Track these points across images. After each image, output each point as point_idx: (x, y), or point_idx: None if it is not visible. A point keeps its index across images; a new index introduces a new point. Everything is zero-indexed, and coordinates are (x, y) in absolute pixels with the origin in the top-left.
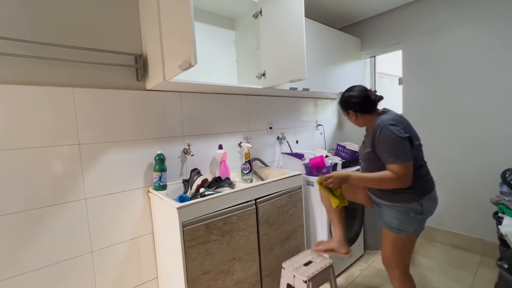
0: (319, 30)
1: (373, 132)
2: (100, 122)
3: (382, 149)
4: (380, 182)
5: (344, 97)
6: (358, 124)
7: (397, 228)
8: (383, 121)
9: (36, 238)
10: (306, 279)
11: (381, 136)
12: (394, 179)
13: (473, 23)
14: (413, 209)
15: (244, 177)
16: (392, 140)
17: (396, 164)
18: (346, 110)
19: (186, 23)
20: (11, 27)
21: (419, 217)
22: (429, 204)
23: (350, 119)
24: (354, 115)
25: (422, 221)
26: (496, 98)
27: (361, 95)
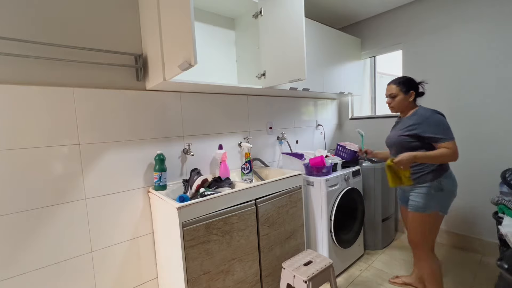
0: (319, 30)
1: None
2: (100, 122)
3: (436, 131)
4: (441, 158)
5: (409, 78)
6: (402, 108)
7: (423, 207)
8: (428, 109)
9: (36, 238)
10: (306, 279)
11: (435, 119)
12: (452, 154)
13: (473, 23)
14: (433, 187)
15: (244, 177)
16: (445, 124)
17: (451, 142)
18: (410, 89)
19: (186, 23)
20: (11, 27)
21: (439, 193)
22: (448, 182)
23: (401, 99)
24: (412, 97)
25: (444, 198)
26: (496, 98)
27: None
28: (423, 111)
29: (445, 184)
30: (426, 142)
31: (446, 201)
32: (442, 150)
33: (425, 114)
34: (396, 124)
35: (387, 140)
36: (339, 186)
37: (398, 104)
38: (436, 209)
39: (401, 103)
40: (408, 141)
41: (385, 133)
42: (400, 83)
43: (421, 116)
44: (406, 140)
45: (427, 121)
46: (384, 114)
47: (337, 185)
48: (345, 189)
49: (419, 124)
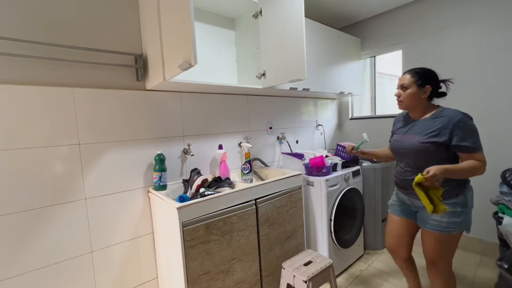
0: (319, 30)
1: (447, 121)
2: (100, 122)
3: (469, 139)
4: (473, 172)
5: (429, 70)
6: (412, 104)
7: (447, 228)
8: (459, 111)
9: (36, 238)
10: (306, 279)
11: (467, 125)
12: (482, 167)
13: (473, 23)
14: (459, 203)
15: (244, 177)
16: (476, 131)
17: (481, 152)
18: (425, 83)
19: (186, 23)
20: (11, 27)
21: (465, 210)
22: (471, 194)
23: (412, 93)
24: (427, 93)
25: (469, 214)
26: (496, 98)
27: (440, 81)
28: (453, 113)
29: (469, 198)
30: (451, 151)
31: (470, 217)
32: (474, 163)
33: (457, 117)
34: (405, 125)
35: (397, 145)
36: (339, 186)
37: (407, 98)
38: (462, 228)
39: (412, 97)
40: (434, 150)
41: (385, 133)
42: (416, 74)
43: (452, 119)
44: (430, 149)
45: (463, 127)
46: (384, 114)
47: (337, 185)
48: (345, 189)
49: (451, 129)
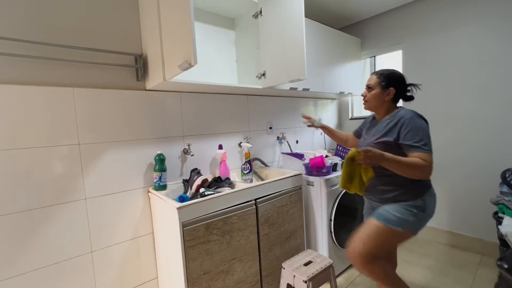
0: (319, 30)
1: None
2: (100, 122)
3: (414, 137)
4: (411, 168)
5: (395, 73)
6: (375, 105)
7: (397, 223)
8: (411, 111)
9: (36, 238)
10: (306, 279)
11: (415, 123)
12: (426, 167)
13: (473, 23)
14: (417, 206)
15: (244, 177)
16: (425, 130)
17: (427, 153)
18: (389, 85)
19: (186, 23)
20: (11, 27)
21: (421, 214)
22: (431, 200)
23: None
24: (390, 95)
25: (424, 218)
26: (496, 98)
27: (406, 84)
28: (404, 112)
29: (429, 204)
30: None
31: (423, 222)
32: (415, 160)
33: (405, 116)
34: (370, 126)
35: (359, 145)
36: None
37: (371, 99)
38: (411, 229)
39: (375, 99)
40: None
41: None
42: (382, 75)
43: (400, 118)
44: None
45: (405, 125)
46: None
47: (337, 185)
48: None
49: (399, 127)
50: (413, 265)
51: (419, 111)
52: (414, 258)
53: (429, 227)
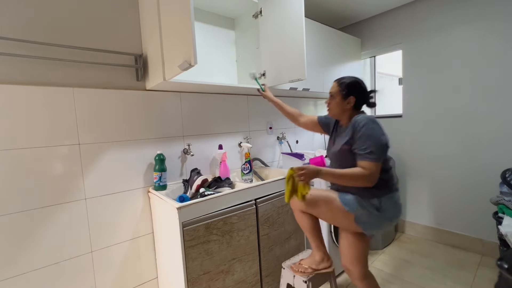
0: (319, 30)
1: (353, 127)
2: (100, 122)
3: (362, 144)
4: (350, 179)
5: (356, 82)
6: (338, 113)
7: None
8: (366, 117)
9: (36, 238)
10: (306, 279)
11: (365, 131)
12: (365, 176)
13: (473, 23)
14: (372, 204)
15: (244, 177)
16: (375, 138)
17: (372, 162)
18: (349, 94)
19: (186, 23)
20: (11, 27)
21: (374, 212)
22: (389, 204)
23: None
24: (351, 104)
25: (373, 216)
26: (496, 98)
27: (367, 91)
28: (359, 119)
29: (386, 206)
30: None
31: (375, 222)
32: (354, 170)
33: (359, 123)
34: (337, 133)
35: (327, 152)
36: None
37: (333, 107)
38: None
39: (337, 107)
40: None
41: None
42: (341, 84)
43: (354, 125)
44: (345, 156)
45: (357, 132)
46: (384, 114)
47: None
48: None
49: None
50: (413, 265)
51: (420, 111)
52: (414, 258)
53: (429, 227)
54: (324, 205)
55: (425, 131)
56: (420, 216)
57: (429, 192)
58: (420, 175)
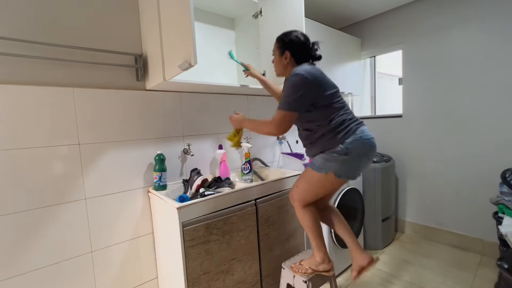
0: (319, 30)
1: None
2: (100, 122)
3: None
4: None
5: (290, 34)
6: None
7: (318, 167)
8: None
9: (36, 238)
10: (306, 279)
11: (288, 82)
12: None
13: (473, 23)
14: (337, 151)
15: (244, 177)
16: (293, 88)
17: (279, 110)
18: (284, 49)
19: (186, 23)
20: (11, 27)
21: (343, 157)
22: (356, 144)
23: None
24: (288, 59)
25: (346, 161)
26: (496, 98)
27: (307, 43)
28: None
29: (352, 147)
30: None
31: (348, 165)
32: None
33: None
34: None
35: None
36: None
37: (275, 66)
38: (331, 170)
39: (277, 64)
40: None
41: (385, 133)
42: (277, 40)
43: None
44: None
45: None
46: (384, 114)
47: None
48: (345, 189)
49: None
50: (413, 265)
51: (420, 111)
52: (414, 258)
53: (429, 227)
54: (310, 184)
55: (425, 131)
56: (420, 216)
57: (429, 192)
58: (420, 175)
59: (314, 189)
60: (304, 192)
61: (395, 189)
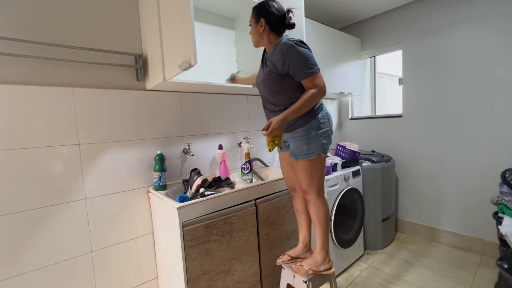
0: (319, 30)
1: (281, 52)
2: (100, 122)
3: (297, 65)
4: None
5: (264, 3)
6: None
7: (307, 154)
8: (289, 39)
9: (36, 238)
10: (306, 279)
11: (295, 51)
12: (320, 92)
13: (473, 22)
14: (312, 127)
15: (244, 177)
16: (307, 55)
17: (316, 74)
18: (259, 16)
19: (186, 23)
20: (11, 27)
21: (319, 133)
22: (324, 116)
23: (253, 30)
24: (263, 27)
25: (323, 136)
26: (496, 98)
27: (282, 11)
28: (284, 42)
29: (323, 121)
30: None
31: (325, 140)
32: (310, 93)
33: (286, 45)
34: (264, 61)
35: (256, 80)
36: (339, 186)
37: (252, 35)
38: (317, 151)
39: (254, 34)
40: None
41: (385, 133)
42: (253, 9)
43: (283, 49)
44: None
45: (293, 55)
46: (384, 114)
47: (337, 185)
48: (345, 189)
49: (283, 59)
50: (413, 265)
51: (420, 111)
52: (414, 258)
53: (429, 227)
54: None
55: (425, 131)
56: (420, 216)
57: (429, 192)
58: (420, 175)
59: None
60: (318, 179)
61: (395, 189)
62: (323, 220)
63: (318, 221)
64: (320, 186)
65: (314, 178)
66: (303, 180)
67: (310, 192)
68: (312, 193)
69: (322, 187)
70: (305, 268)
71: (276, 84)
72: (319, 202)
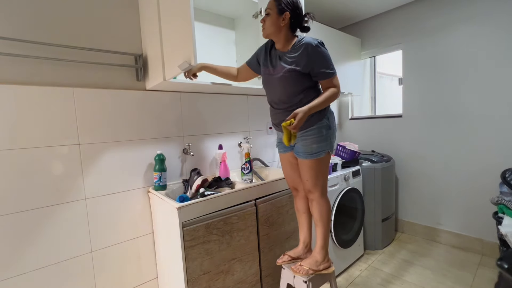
0: (319, 30)
1: (306, 50)
2: (100, 122)
3: (321, 65)
4: (331, 100)
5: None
6: (273, 32)
7: (316, 152)
8: (313, 39)
9: (36, 238)
10: (306, 279)
11: (320, 52)
12: (338, 92)
13: (473, 22)
14: (324, 126)
15: (244, 177)
16: (328, 56)
17: (335, 76)
18: (284, 9)
19: (186, 23)
20: (11, 27)
21: (329, 132)
22: (332, 117)
23: (272, 20)
24: (286, 21)
25: (332, 135)
26: (496, 98)
27: (302, 11)
28: (309, 41)
29: (332, 121)
30: (313, 79)
31: (333, 139)
32: (332, 91)
33: (312, 44)
34: (273, 57)
35: (267, 81)
36: (339, 186)
37: (268, 26)
38: (327, 149)
39: (272, 25)
40: (297, 80)
41: (385, 133)
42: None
43: (308, 48)
44: (294, 79)
45: (318, 54)
46: (384, 114)
47: (337, 185)
48: (345, 189)
49: (308, 57)
50: (413, 265)
51: (420, 111)
52: (414, 258)
53: (429, 227)
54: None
55: (425, 131)
56: (420, 216)
57: (429, 192)
58: (420, 175)
59: (325, 172)
60: (323, 178)
61: (395, 189)
62: (325, 220)
63: (320, 221)
64: (324, 185)
65: (320, 177)
66: (308, 179)
67: (314, 191)
68: (317, 192)
69: (326, 186)
70: (305, 268)
71: (296, 82)
72: (323, 201)
